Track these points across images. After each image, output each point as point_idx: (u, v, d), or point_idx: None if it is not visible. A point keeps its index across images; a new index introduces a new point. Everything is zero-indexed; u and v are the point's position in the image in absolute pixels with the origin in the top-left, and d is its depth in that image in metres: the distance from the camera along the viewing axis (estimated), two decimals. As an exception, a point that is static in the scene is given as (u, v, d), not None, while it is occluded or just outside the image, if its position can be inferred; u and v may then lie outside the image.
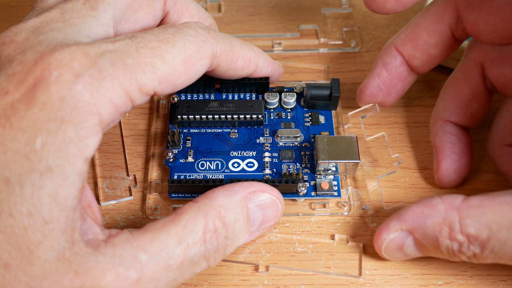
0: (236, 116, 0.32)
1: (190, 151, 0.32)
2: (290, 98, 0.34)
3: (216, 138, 0.33)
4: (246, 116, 0.32)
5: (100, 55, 0.23)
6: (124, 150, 0.34)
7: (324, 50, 0.39)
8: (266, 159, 0.32)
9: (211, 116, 0.32)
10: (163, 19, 0.30)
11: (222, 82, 0.33)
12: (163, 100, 0.36)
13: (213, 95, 0.34)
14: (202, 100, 0.34)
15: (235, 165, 0.31)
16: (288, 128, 0.33)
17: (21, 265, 0.21)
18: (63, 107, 0.21)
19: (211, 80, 0.33)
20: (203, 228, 0.24)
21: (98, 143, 0.23)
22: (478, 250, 0.25)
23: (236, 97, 0.34)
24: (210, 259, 0.25)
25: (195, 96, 0.34)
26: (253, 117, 0.32)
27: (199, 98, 0.34)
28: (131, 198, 0.32)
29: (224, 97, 0.34)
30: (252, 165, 0.31)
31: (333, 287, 0.29)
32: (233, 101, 0.33)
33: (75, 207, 0.22)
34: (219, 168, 0.31)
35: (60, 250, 0.21)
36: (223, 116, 0.32)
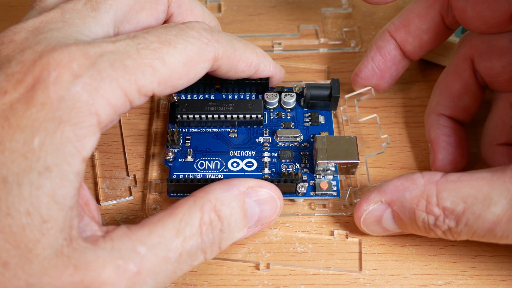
0: (235, 116, 0.32)
1: (189, 151, 0.32)
2: (290, 98, 0.34)
3: (215, 137, 0.33)
4: (246, 116, 0.32)
5: (99, 56, 0.23)
6: (124, 150, 0.34)
7: (324, 50, 0.39)
8: (265, 159, 0.32)
9: (211, 115, 0.32)
10: (167, 21, 0.30)
11: (222, 82, 0.33)
12: (164, 100, 0.36)
13: (213, 95, 0.34)
14: (201, 99, 0.33)
15: (234, 164, 0.31)
16: (287, 128, 0.33)
17: (19, 263, 0.21)
18: (62, 108, 0.21)
19: (211, 80, 0.33)
20: (199, 220, 0.24)
21: (96, 143, 0.23)
22: (453, 223, 0.25)
23: (236, 97, 0.34)
24: (206, 252, 0.25)
25: (195, 95, 0.34)
26: (252, 117, 0.32)
27: (199, 97, 0.34)
28: (131, 198, 0.32)
29: (224, 97, 0.34)
30: (251, 164, 0.31)
31: (333, 287, 0.29)
32: (232, 101, 0.33)
33: (73, 206, 0.22)
34: (218, 167, 0.31)
35: (58, 247, 0.21)
36: (223, 115, 0.32)
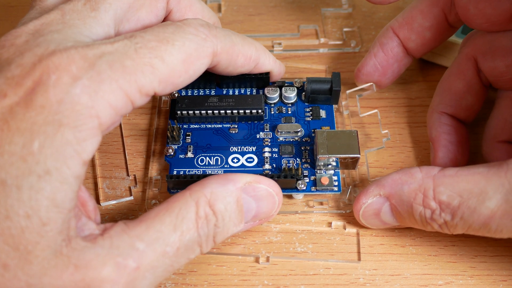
0: (236, 111, 0.32)
1: (190, 147, 0.32)
2: (291, 92, 0.34)
3: (216, 133, 0.33)
4: (246, 111, 0.32)
5: (98, 57, 0.23)
6: (124, 150, 0.34)
7: (324, 50, 0.39)
8: (266, 154, 0.32)
9: (211, 111, 0.32)
10: (166, 18, 0.30)
11: (222, 78, 0.33)
12: (165, 96, 0.36)
13: (213, 91, 0.34)
14: (201, 95, 0.33)
15: (235, 160, 0.31)
16: (288, 123, 0.33)
17: (19, 264, 0.21)
18: (61, 110, 0.21)
19: (211, 76, 0.33)
20: (195, 214, 0.25)
21: (96, 146, 0.23)
22: (448, 217, 0.26)
23: (236, 92, 0.34)
24: (202, 245, 0.25)
25: (196, 92, 0.34)
26: (253, 112, 0.32)
27: (199, 94, 0.34)
28: (131, 198, 0.32)
29: (224, 92, 0.34)
30: (251, 160, 0.31)
31: (333, 287, 0.29)
32: (233, 96, 0.33)
33: (72, 208, 0.22)
34: (219, 163, 0.31)
35: (57, 248, 0.21)
36: (223, 111, 0.32)
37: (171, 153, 0.31)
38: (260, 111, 0.32)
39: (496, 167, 0.25)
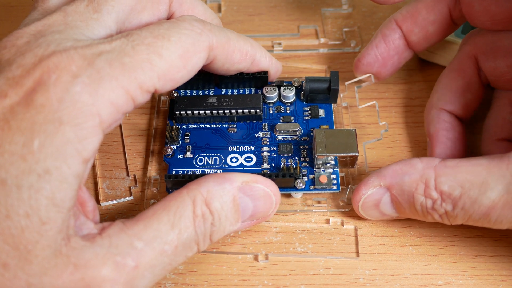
0: (234, 110, 0.32)
1: (188, 147, 0.32)
2: (289, 92, 0.33)
3: (214, 133, 0.33)
4: (245, 110, 0.32)
5: (97, 56, 0.23)
6: (124, 150, 0.34)
7: (324, 50, 0.39)
8: (265, 154, 0.32)
9: (209, 111, 0.32)
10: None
11: (221, 78, 0.33)
12: (164, 96, 0.36)
13: (212, 91, 0.34)
14: (200, 95, 0.33)
15: (234, 160, 0.31)
16: (287, 122, 0.33)
17: (19, 263, 0.21)
18: (62, 109, 0.21)
19: (210, 76, 0.33)
20: (192, 213, 0.25)
21: (98, 145, 0.23)
22: (449, 207, 0.26)
23: (235, 92, 0.34)
24: (200, 244, 0.25)
25: (194, 92, 0.34)
26: (251, 111, 0.32)
27: (198, 94, 0.34)
28: (131, 198, 0.32)
29: (223, 92, 0.34)
30: (250, 159, 0.31)
31: (333, 287, 0.29)
32: (231, 95, 0.33)
33: (71, 208, 0.22)
34: (217, 163, 0.31)
35: (57, 247, 0.21)
36: (221, 111, 0.32)
37: (170, 153, 0.31)
38: (258, 111, 0.32)
39: (497, 159, 0.25)
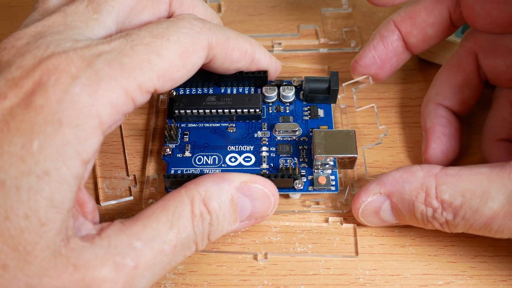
0: (233, 110, 0.32)
1: (187, 146, 0.32)
2: (289, 91, 0.33)
3: (213, 132, 0.32)
4: (244, 110, 0.32)
5: (96, 57, 0.23)
6: (124, 150, 0.34)
7: (324, 50, 0.39)
8: (264, 154, 0.32)
9: (209, 110, 0.32)
10: None
11: (221, 77, 0.33)
12: (163, 95, 0.36)
13: (211, 90, 0.34)
14: (199, 94, 0.33)
15: (232, 159, 0.31)
16: (286, 122, 0.33)
17: (19, 264, 0.21)
18: (61, 110, 0.21)
19: (210, 75, 0.33)
20: (190, 212, 0.25)
21: (97, 146, 0.23)
22: (450, 216, 0.26)
23: (234, 91, 0.34)
24: (198, 243, 0.25)
25: (194, 90, 0.34)
26: (250, 111, 0.32)
27: (198, 93, 0.34)
28: (131, 198, 0.32)
29: (222, 91, 0.34)
30: (249, 159, 0.31)
31: (333, 287, 0.29)
32: (230, 95, 0.32)
33: (70, 209, 0.22)
34: (216, 162, 0.31)
35: (56, 248, 0.21)
36: (221, 110, 0.32)
37: (169, 152, 0.31)
38: (258, 110, 0.32)
39: (498, 168, 0.25)
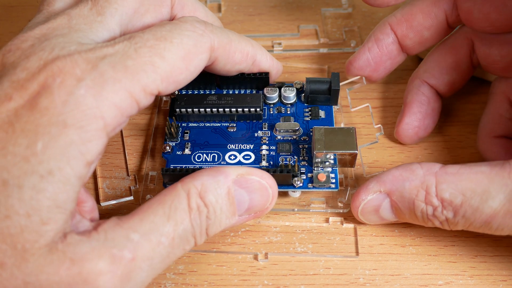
0: (234, 109, 0.32)
1: (187, 144, 0.32)
2: (290, 93, 0.33)
3: (214, 131, 0.33)
4: (245, 109, 0.32)
5: (100, 59, 0.23)
6: (124, 150, 0.34)
7: (324, 50, 0.39)
8: (264, 152, 0.31)
9: (210, 109, 0.32)
10: None
11: (222, 79, 0.33)
12: (166, 96, 0.36)
13: (213, 91, 0.34)
14: (200, 94, 0.33)
15: (232, 157, 0.31)
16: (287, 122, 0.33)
17: (16, 262, 0.21)
18: (66, 111, 0.21)
19: (212, 77, 0.33)
20: (187, 205, 0.25)
21: (102, 148, 0.23)
22: (450, 215, 0.26)
23: (236, 92, 0.34)
24: (196, 237, 0.25)
25: (196, 92, 0.34)
26: (251, 110, 0.32)
27: (199, 93, 0.34)
28: (131, 198, 0.32)
29: (224, 92, 0.34)
30: (249, 157, 0.31)
31: (333, 287, 0.29)
32: (231, 94, 0.33)
33: (73, 210, 0.22)
34: (216, 160, 0.31)
35: (53, 244, 0.21)
36: (222, 109, 0.32)
37: (169, 150, 0.32)
38: (258, 110, 0.32)
39: (498, 167, 0.25)
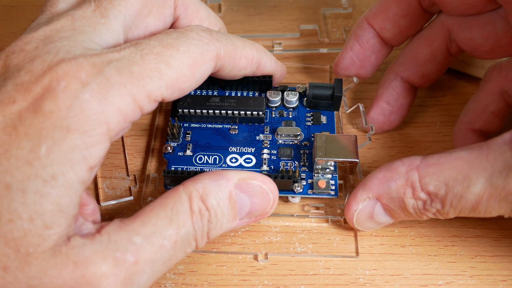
0: (236, 112, 0.32)
1: (189, 145, 0.32)
2: (293, 96, 0.33)
3: (216, 133, 0.33)
4: (247, 112, 0.32)
5: (106, 64, 0.23)
6: (124, 150, 0.34)
7: (324, 50, 0.39)
8: (265, 156, 0.32)
9: (212, 111, 0.32)
10: (173, 24, 0.30)
11: (226, 81, 0.33)
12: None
13: (216, 92, 0.34)
14: (203, 95, 0.33)
15: (233, 160, 0.31)
16: (288, 126, 0.33)
17: (19, 266, 0.21)
18: (70, 116, 0.21)
19: (215, 79, 0.33)
20: (189, 208, 0.25)
21: (104, 153, 0.23)
22: (439, 206, 0.26)
23: (239, 94, 0.34)
24: (198, 240, 0.25)
25: (198, 92, 0.34)
26: (253, 113, 0.32)
27: (202, 94, 0.34)
28: (131, 198, 0.32)
29: (227, 93, 0.34)
30: (250, 161, 0.31)
31: (333, 287, 0.29)
32: (234, 97, 0.33)
33: (76, 214, 0.22)
34: (217, 162, 0.31)
35: (56, 248, 0.21)
36: (224, 111, 0.32)
37: (170, 150, 0.32)
38: (260, 113, 0.32)
39: (477, 150, 0.25)
